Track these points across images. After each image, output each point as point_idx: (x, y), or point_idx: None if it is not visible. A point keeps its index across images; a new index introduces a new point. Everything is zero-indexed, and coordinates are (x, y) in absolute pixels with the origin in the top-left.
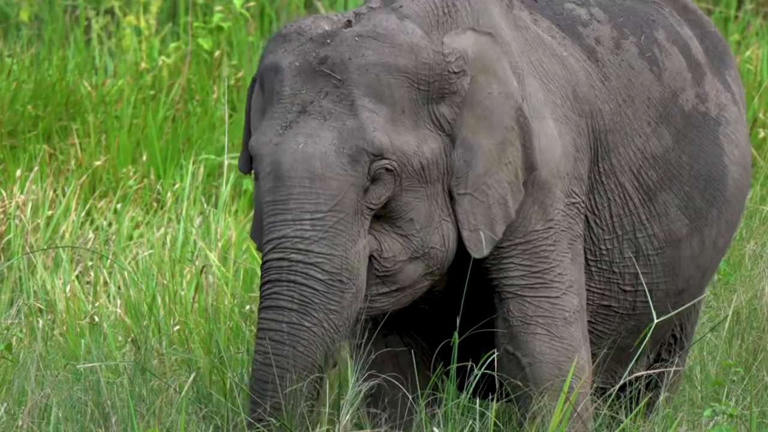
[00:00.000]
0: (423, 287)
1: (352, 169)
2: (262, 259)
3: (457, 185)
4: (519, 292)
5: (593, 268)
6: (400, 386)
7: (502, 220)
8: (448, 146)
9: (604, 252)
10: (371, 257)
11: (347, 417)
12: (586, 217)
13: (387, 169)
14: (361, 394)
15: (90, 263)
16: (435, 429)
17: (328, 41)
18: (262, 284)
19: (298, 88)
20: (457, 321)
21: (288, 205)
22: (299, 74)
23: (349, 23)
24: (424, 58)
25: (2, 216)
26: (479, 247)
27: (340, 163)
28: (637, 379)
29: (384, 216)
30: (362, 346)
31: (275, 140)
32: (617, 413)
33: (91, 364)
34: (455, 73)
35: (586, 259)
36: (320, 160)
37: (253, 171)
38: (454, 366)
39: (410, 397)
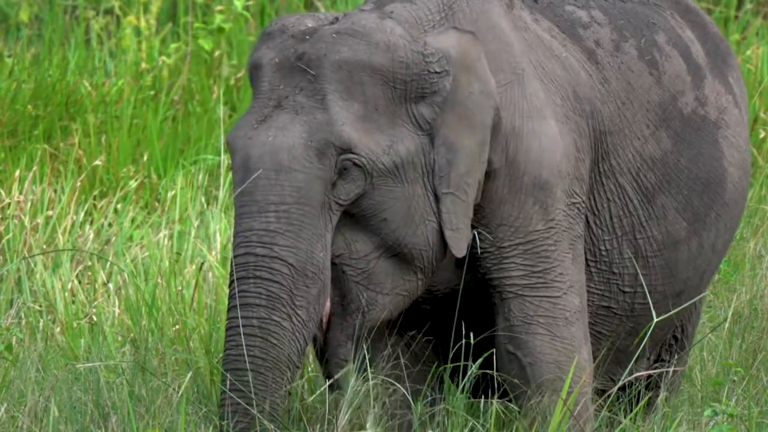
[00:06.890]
0: (417, 288)
1: (319, 161)
2: (232, 253)
3: (440, 184)
4: (520, 292)
5: (593, 269)
6: (402, 387)
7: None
8: (427, 146)
9: (604, 253)
10: (343, 264)
11: (346, 417)
12: (586, 217)
13: (355, 164)
14: (361, 395)
15: (89, 263)
16: (430, 431)
17: (308, 38)
18: (230, 282)
19: (276, 84)
20: (454, 321)
21: (254, 197)
22: (278, 70)
23: (333, 22)
24: (401, 57)
25: (1, 216)
26: (460, 247)
27: (307, 155)
28: (637, 379)
29: (356, 215)
30: (363, 346)
31: (249, 134)
32: (617, 414)
33: (90, 364)
34: (437, 72)
35: (586, 259)
36: (287, 152)
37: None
38: (449, 366)
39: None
